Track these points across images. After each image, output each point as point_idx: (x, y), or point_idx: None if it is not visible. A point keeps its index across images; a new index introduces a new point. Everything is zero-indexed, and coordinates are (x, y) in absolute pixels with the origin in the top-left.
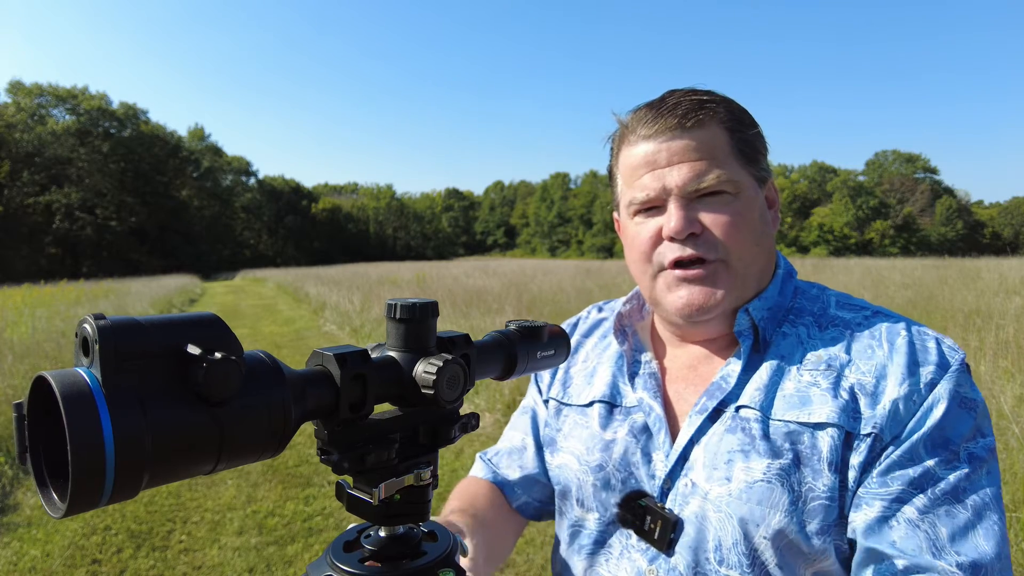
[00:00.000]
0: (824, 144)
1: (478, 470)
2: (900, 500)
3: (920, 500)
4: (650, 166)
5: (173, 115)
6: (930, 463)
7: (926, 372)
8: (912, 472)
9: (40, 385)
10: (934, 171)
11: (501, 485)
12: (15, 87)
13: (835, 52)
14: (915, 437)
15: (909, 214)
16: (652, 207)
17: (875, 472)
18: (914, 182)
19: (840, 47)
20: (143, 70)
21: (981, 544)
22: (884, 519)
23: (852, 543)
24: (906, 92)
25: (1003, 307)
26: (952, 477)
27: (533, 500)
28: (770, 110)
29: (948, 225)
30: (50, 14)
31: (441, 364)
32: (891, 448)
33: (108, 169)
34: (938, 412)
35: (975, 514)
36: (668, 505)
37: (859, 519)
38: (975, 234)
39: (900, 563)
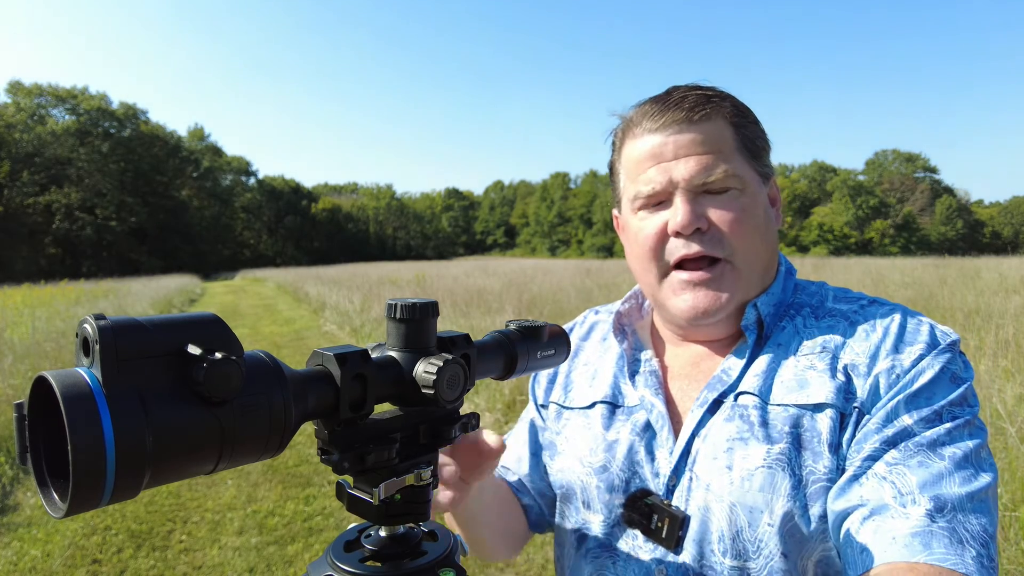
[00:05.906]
0: (824, 144)
1: None
2: (872, 458)
3: (892, 455)
4: (656, 159)
5: (173, 115)
6: (908, 421)
7: (914, 349)
8: (888, 431)
9: (40, 385)
10: (934, 170)
11: (509, 485)
12: (15, 87)
13: (835, 51)
14: (896, 399)
15: (909, 213)
16: (657, 201)
17: (855, 440)
18: (914, 181)
19: (840, 46)
20: (143, 70)
21: (954, 489)
22: (854, 478)
23: None
24: (906, 91)
25: (1003, 306)
26: (930, 432)
27: (536, 504)
28: (770, 109)
29: (948, 224)
30: (50, 14)
31: (441, 364)
32: (870, 416)
33: (108, 169)
34: (923, 379)
35: (953, 464)
36: (675, 502)
37: (833, 487)
38: (975, 233)
39: (860, 514)
